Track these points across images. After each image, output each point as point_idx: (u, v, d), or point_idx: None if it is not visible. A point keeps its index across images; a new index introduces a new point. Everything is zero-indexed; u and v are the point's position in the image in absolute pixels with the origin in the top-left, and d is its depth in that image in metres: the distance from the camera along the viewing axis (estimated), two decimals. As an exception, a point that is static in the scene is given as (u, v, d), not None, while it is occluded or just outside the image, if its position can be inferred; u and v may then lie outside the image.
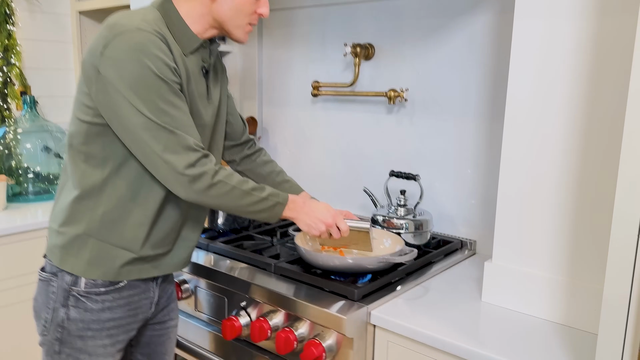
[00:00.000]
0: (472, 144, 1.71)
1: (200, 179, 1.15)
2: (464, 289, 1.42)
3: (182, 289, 1.60)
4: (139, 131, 1.12)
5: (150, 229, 1.23)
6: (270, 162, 1.59)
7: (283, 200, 1.27)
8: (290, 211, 1.28)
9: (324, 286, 1.35)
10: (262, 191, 1.24)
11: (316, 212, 1.30)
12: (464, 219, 1.76)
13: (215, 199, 1.18)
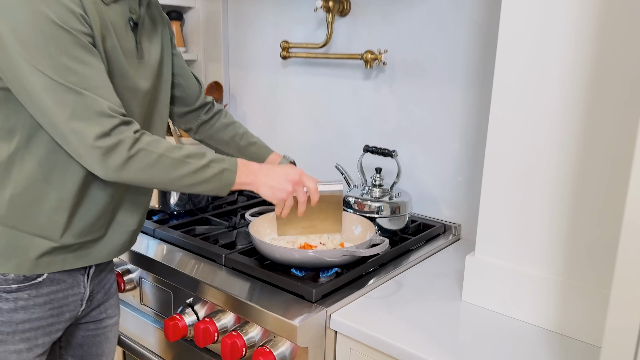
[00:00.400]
0: (459, 115, 1.50)
1: (115, 150, 0.94)
2: (443, 285, 1.23)
3: (126, 280, 1.41)
4: (41, 94, 0.91)
5: (71, 213, 1.04)
6: (232, 125, 1.38)
7: (231, 166, 1.07)
8: (245, 176, 1.08)
9: (279, 284, 1.16)
10: (201, 157, 1.03)
11: (279, 172, 1.12)
12: (448, 200, 1.56)
13: (139, 173, 0.98)
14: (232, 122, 1.39)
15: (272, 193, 1.11)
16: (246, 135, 1.38)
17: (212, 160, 1.04)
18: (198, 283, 1.20)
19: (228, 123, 1.38)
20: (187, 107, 1.33)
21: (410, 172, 1.61)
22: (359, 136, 1.72)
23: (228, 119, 1.39)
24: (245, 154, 1.36)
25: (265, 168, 1.12)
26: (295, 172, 1.13)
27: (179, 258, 1.32)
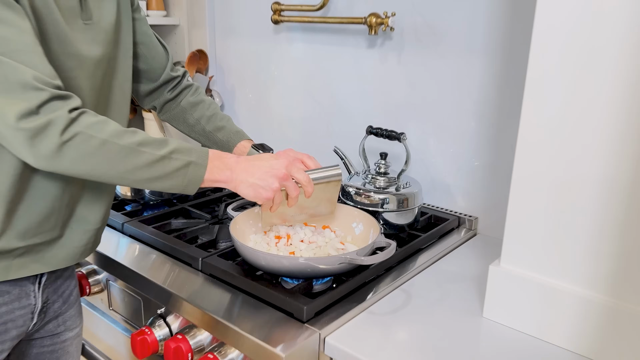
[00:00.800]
0: (477, 90, 1.28)
1: (44, 133, 0.74)
2: (460, 295, 1.04)
3: (91, 282, 1.22)
4: None
5: (8, 210, 0.85)
6: (200, 104, 1.18)
7: (199, 158, 0.87)
8: (218, 172, 0.89)
9: (264, 297, 0.97)
10: (160, 146, 0.83)
11: (261, 166, 0.91)
12: (464, 189, 1.35)
13: (77, 163, 0.78)
14: (200, 100, 1.18)
15: (255, 192, 0.91)
16: (214, 118, 1.17)
17: (174, 151, 0.84)
18: (170, 295, 1.01)
19: (195, 102, 1.17)
20: (152, 82, 1.13)
21: (420, 157, 1.40)
22: (361, 114, 1.50)
23: (196, 97, 1.18)
24: (212, 141, 1.16)
25: (244, 161, 0.91)
26: (280, 164, 0.93)
27: (149, 261, 1.12)
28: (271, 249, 1.08)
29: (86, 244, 0.98)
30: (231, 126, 1.17)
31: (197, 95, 1.18)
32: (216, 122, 1.17)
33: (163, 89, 1.15)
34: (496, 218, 1.30)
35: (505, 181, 1.27)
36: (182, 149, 0.85)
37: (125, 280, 1.12)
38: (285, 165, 0.93)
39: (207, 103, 1.19)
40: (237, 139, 1.15)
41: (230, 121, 1.19)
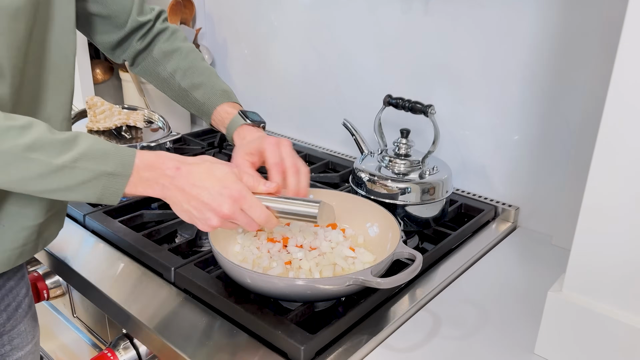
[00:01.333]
0: (527, 47, 1.00)
1: None
2: (502, 319, 0.81)
3: (49, 285, 1.01)
4: None
5: None
6: (175, 53, 0.94)
7: (118, 168, 0.64)
8: (145, 186, 0.66)
9: (250, 326, 0.75)
10: (61, 150, 0.61)
11: (201, 192, 0.66)
12: (503, 172, 1.10)
13: None
14: (176, 48, 0.93)
15: (191, 221, 0.69)
16: (192, 72, 0.93)
17: (80, 157, 0.61)
18: (128, 317, 0.80)
19: (169, 50, 0.93)
20: (118, 31, 0.89)
21: (449, 131, 1.14)
22: (378, 78, 1.24)
23: (171, 44, 0.93)
24: (189, 102, 0.94)
25: (185, 176, 0.66)
26: (227, 195, 0.66)
27: (113, 269, 0.90)
28: (262, 256, 0.85)
29: (24, 244, 0.76)
30: (213, 82, 0.93)
31: (172, 41, 0.94)
32: (194, 77, 0.93)
33: (132, 38, 0.91)
34: (542, 208, 1.05)
35: (557, 163, 1.01)
36: (94, 153, 0.62)
37: (82, 292, 0.91)
38: (235, 197, 0.66)
39: (184, 51, 0.94)
40: (218, 101, 0.91)
41: (212, 76, 0.94)
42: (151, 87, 1.47)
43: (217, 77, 0.95)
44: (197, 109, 0.94)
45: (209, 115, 0.93)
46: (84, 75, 1.45)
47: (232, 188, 0.66)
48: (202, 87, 0.92)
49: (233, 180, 0.67)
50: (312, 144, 1.42)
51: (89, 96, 1.18)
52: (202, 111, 0.93)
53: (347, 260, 0.84)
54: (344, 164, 1.27)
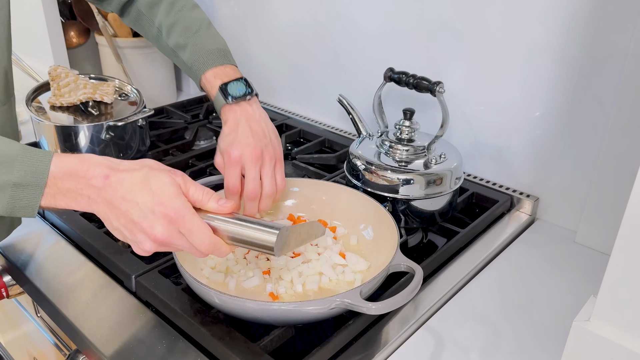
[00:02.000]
0: (553, 10, 0.84)
1: None
2: (514, 340, 0.69)
3: (7, 282, 0.91)
4: None
5: None
6: (158, 4, 0.82)
7: (28, 176, 0.51)
8: (67, 199, 0.53)
9: (217, 354, 0.64)
10: None
11: (130, 208, 0.53)
12: (521, 156, 0.95)
13: None
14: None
15: (125, 240, 0.55)
16: (177, 27, 0.80)
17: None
18: (80, 338, 0.69)
19: (152, 2, 0.81)
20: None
21: (461, 108, 0.99)
22: (378, 44, 1.08)
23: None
24: (180, 65, 0.82)
25: (115, 184, 0.53)
26: (165, 209, 0.53)
27: (69, 275, 0.79)
28: (238, 263, 0.73)
29: None
30: (202, 40, 0.79)
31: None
32: (177, 38, 0.79)
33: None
34: (566, 200, 0.91)
35: (585, 149, 0.87)
36: (3, 158, 0.50)
37: (35, 299, 0.80)
38: (170, 217, 0.53)
39: (167, 2, 0.81)
40: (206, 65, 0.77)
41: (202, 30, 0.80)
42: (130, 51, 1.32)
43: (207, 31, 0.81)
44: (189, 73, 0.81)
45: (198, 83, 0.79)
46: (55, 38, 1.31)
47: (168, 205, 0.52)
48: (185, 48, 0.79)
49: (171, 194, 0.53)
50: (307, 117, 1.28)
51: (52, 65, 1.04)
52: (193, 76, 0.80)
53: (336, 269, 0.72)
54: (342, 143, 1.13)
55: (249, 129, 0.72)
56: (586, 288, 0.78)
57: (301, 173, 1.05)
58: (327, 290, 0.70)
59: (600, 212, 0.86)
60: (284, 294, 0.69)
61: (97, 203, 0.53)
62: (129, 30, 1.31)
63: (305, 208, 0.84)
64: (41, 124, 0.98)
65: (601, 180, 0.84)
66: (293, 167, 1.07)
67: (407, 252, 0.85)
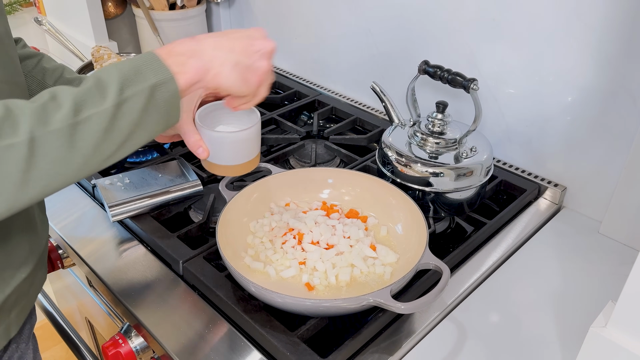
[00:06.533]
0: (591, 8, 0.83)
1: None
2: (534, 335, 0.73)
3: (62, 254, 0.99)
4: None
5: None
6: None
7: (157, 73, 0.56)
8: (185, 69, 0.57)
9: (257, 338, 0.70)
10: (100, 92, 0.52)
11: (237, 37, 0.62)
12: (552, 144, 0.97)
13: (14, 197, 0.49)
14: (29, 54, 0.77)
15: (242, 77, 0.61)
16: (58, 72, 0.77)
17: (121, 88, 0.53)
18: (128, 313, 0.76)
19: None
20: None
21: (493, 94, 1.00)
22: (413, 27, 1.07)
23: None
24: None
25: (205, 37, 0.61)
26: (264, 36, 0.63)
27: (119, 253, 0.86)
28: (276, 252, 0.79)
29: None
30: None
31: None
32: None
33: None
34: (593, 190, 0.93)
35: (615, 143, 0.88)
36: (127, 75, 0.54)
37: (88, 274, 0.88)
38: (271, 43, 0.63)
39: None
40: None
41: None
42: (166, 24, 1.34)
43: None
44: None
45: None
46: (93, 8, 1.33)
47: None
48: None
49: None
50: (338, 92, 1.30)
51: (95, 46, 1.07)
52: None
53: (367, 262, 0.77)
54: (374, 122, 1.16)
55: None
56: (608, 281, 0.81)
57: (332, 155, 1.09)
58: (359, 281, 0.75)
59: (626, 206, 0.88)
60: (318, 284, 0.74)
61: (204, 52, 0.59)
62: (165, 3, 1.33)
63: (338, 198, 0.88)
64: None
65: (630, 174, 0.86)
66: (325, 147, 1.10)
67: (435, 239, 0.90)
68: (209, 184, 0.98)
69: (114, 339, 0.81)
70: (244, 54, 0.61)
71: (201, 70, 0.58)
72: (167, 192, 0.91)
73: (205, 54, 0.59)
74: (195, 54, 0.58)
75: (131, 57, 1.12)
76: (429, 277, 0.77)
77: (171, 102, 0.56)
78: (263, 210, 0.86)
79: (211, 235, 0.88)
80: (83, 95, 0.51)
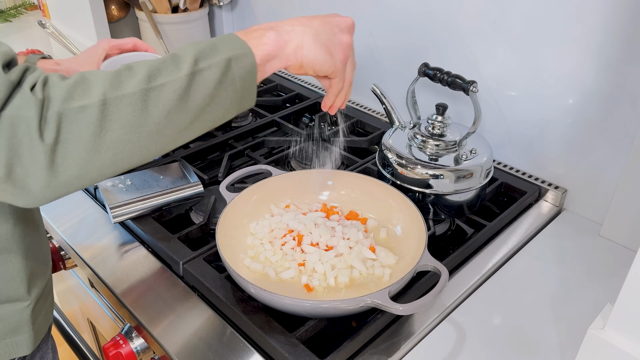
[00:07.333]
0: (590, 9, 0.83)
1: (12, 154, 0.46)
2: (533, 337, 0.73)
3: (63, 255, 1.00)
4: None
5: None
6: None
7: (233, 47, 0.55)
8: (263, 43, 0.57)
9: (256, 339, 0.71)
10: (175, 62, 0.52)
11: (312, 16, 0.63)
12: (553, 146, 0.97)
13: (89, 162, 0.49)
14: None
15: (327, 50, 0.61)
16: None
17: (196, 59, 0.53)
18: (131, 317, 0.77)
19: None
20: None
21: (494, 96, 1.00)
22: (413, 30, 1.08)
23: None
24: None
25: (284, 20, 0.61)
26: (342, 15, 0.65)
27: (121, 257, 0.87)
28: (276, 254, 0.79)
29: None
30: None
31: None
32: None
33: None
34: (593, 193, 0.93)
35: (616, 146, 0.88)
36: (203, 49, 0.54)
37: (89, 276, 0.88)
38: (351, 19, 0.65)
39: None
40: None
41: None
42: (169, 27, 1.35)
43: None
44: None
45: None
46: (97, 11, 1.34)
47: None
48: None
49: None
50: (341, 94, 1.30)
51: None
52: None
53: (366, 263, 0.77)
54: (374, 125, 1.16)
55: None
56: (609, 284, 0.81)
57: (333, 157, 1.09)
58: (358, 283, 0.75)
59: (627, 208, 0.88)
60: (317, 286, 0.74)
61: (283, 28, 0.59)
62: (167, 6, 1.34)
63: (338, 200, 0.88)
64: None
65: (630, 177, 0.85)
66: (326, 151, 1.11)
67: (435, 241, 0.90)
68: (209, 186, 0.98)
69: (115, 340, 0.82)
70: (324, 26, 0.61)
71: (280, 42, 0.58)
72: (168, 194, 0.91)
73: (284, 28, 0.59)
74: (273, 28, 0.58)
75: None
76: (428, 279, 0.77)
77: (247, 79, 0.55)
78: (263, 212, 0.86)
79: (211, 237, 0.89)
80: (158, 65, 0.51)
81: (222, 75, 0.53)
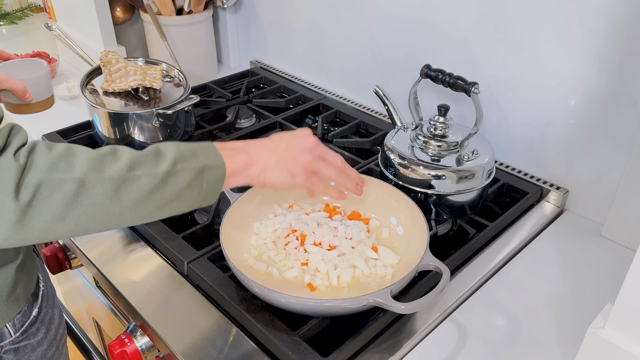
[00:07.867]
0: (590, 12, 0.84)
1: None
2: (534, 336, 0.74)
3: (70, 255, 1.01)
4: None
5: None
6: None
7: (210, 158, 0.63)
8: (234, 161, 0.65)
9: (260, 338, 0.72)
10: (157, 159, 0.59)
11: (281, 139, 0.71)
12: (554, 146, 0.97)
13: (54, 226, 0.54)
14: None
15: (289, 173, 0.69)
16: None
17: (176, 161, 0.60)
18: (137, 315, 0.78)
19: None
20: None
21: (496, 98, 1.01)
22: (415, 31, 1.09)
23: None
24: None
25: (254, 141, 0.70)
26: (306, 135, 0.71)
27: (126, 257, 0.88)
28: (279, 253, 0.80)
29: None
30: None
31: None
32: None
33: None
34: (595, 193, 0.94)
35: (617, 147, 0.88)
36: (184, 154, 0.60)
37: (95, 275, 0.89)
38: (314, 139, 0.71)
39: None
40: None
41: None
42: (173, 29, 1.36)
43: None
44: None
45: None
46: (102, 13, 1.35)
47: (306, 130, 0.72)
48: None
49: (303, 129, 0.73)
50: (342, 96, 1.31)
51: (102, 51, 1.09)
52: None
53: (369, 263, 0.78)
54: (377, 126, 1.17)
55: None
56: (610, 283, 0.82)
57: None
58: (360, 282, 0.76)
59: (628, 208, 0.88)
60: (320, 285, 0.75)
61: (252, 151, 0.67)
62: (172, 9, 1.35)
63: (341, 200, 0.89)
64: (95, 108, 1.05)
65: (631, 177, 0.86)
66: (330, 150, 1.11)
67: (438, 241, 0.90)
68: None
69: (120, 339, 0.83)
70: (289, 150, 0.68)
71: (247, 163, 0.66)
72: (172, 194, 0.92)
73: (253, 152, 0.67)
74: (244, 150, 0.67)
75: (137, 64, 1.15)
76: (430, 279, 0.78)
77: (214, 186, 0.63)
78: (267, 212, 0.87)
79: (216, 237, 0.90)
80: (140, 157, 0.57)
81: (193, 180, 0.60)
